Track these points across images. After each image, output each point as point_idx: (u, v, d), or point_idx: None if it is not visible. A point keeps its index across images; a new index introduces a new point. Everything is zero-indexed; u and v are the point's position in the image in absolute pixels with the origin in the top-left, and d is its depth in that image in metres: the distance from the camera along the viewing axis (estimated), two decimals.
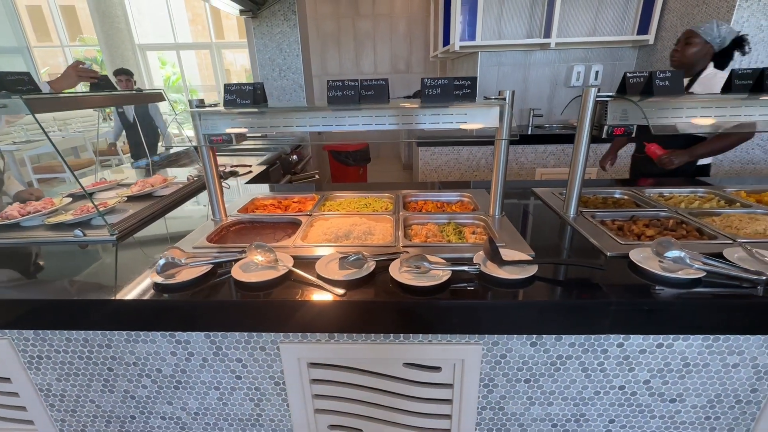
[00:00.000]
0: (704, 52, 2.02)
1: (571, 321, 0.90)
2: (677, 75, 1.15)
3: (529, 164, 3.51)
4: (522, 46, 3.71)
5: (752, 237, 1.16)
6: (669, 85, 1.15)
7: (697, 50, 2.02)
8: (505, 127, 1.26)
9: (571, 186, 1.35)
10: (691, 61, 2.05)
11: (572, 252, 1.15)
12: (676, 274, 0.94)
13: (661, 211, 1.37)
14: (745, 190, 1.57)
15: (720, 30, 1.98)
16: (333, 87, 1.20)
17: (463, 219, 1.40)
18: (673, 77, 1.15)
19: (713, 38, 1.99)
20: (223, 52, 9.09)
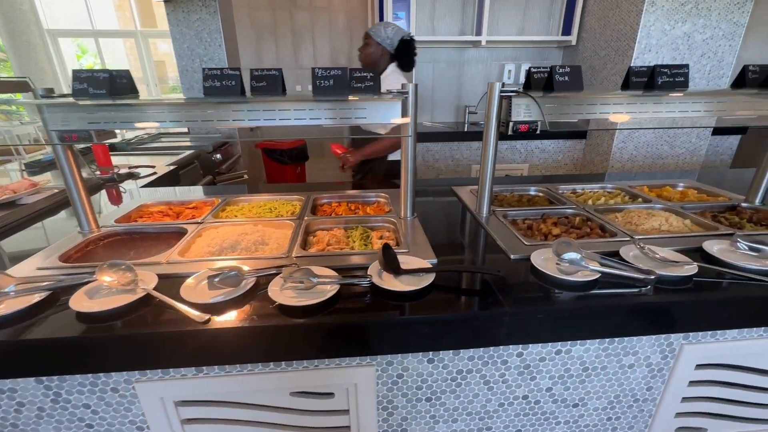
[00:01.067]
0: (380, 53, 2.17)
1: (467, 334, 0.83)
2: (576, 70, 1.13)
3: (464, 161, 3.53)
4: (455, 43, 3.72)
5: (649, 233, 1.18)
6: (569, 80, 1.12)
7: (372, 50, 2.17)
8: (411, 124, 1.17)
9: (482, 185, 1.29)
10: (370, 61, 2.21)
11: (478, 255, 1.09)
12: (572, 277, 0.90)
13: (569, 208, 1.37)
14: (647, 185, 1.63)
15: (387, 31, 2.12)
16: (210, 76, 1.04)
17: (373, 222, 1.30)
18: (572, 73, 1.12)
19: (383, 39, 2.13)
20: (155, 41, 8.33)
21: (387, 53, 2.20)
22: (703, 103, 1.11)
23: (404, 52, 2.22)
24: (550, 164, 3.64)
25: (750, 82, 1.24)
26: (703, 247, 1.04)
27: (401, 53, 2.22)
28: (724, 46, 2.88)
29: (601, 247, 1.07)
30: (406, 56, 2.24)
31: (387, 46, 2.18)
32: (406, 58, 2.25)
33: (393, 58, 2.24)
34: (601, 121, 1.11)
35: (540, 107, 1.02)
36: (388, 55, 2.21)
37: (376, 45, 2.19)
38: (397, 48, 2.20)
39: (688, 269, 0.92)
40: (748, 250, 1.01)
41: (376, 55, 2.21)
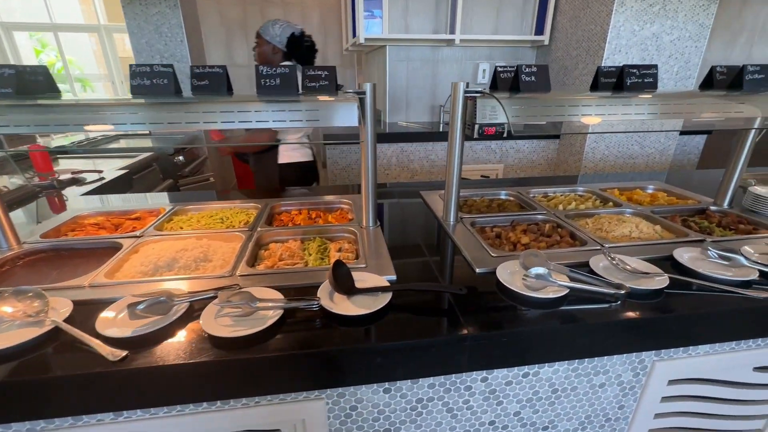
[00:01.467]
0: (271, 51, 2.19)
1: (425, 362, 0.75)
2: (543, 70, 1.07)
3: (440, 162, 3.47)
4: (429, 42, 3.65)
5: (620, 240, 1.13)
6: (535, 81, 1.06)
7: (263, 49, 2.20)
8: (368, 126, 1.09)
9: (448, 192, 1.22)
10: (264, 59, 2.23)
11: (443, 269, 1.01)
12: (539, 294, 0.83)
13: (540, 214, 1.31)
14: (618, 187, 1.60)
15: (275, 29, 2.15)
16: (138, 74, 0.92)
17: (333, 232, 1.20)
18: (539, 72, 1.06)
19: (272, 37, 2.16)
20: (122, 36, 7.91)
21: (279, 51, 2.19)
22: (672, 104, 1.06)
23: (296, 49, 2.19)
24: (525, 164, 3.63)
25: (717, 83, 1.21)
26: (674, 255, 0.99)
27: (293, 50, 2.19)
28: (691, 47, 2.92)
29: (570, 258, 1.01)
30: (299, 52, 2.22)
31: (277, 44, 2.17)
32: (300, 54, 2.23)
33: (288, 56, 2.22)
34: (569, 124, 1.05)
35: (504, 109, 0.95)
36: (281, 53, 2.20)
37: (266, 43, 2.18)
38: (288, 45, 2.18)
39: (659, 281, 0.87)
40: (718, 259, 0.97)
41: (268, 53, 2.21)
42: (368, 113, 1.07)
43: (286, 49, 2.18)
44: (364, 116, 1.07)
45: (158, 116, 0.89)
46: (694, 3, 2.78)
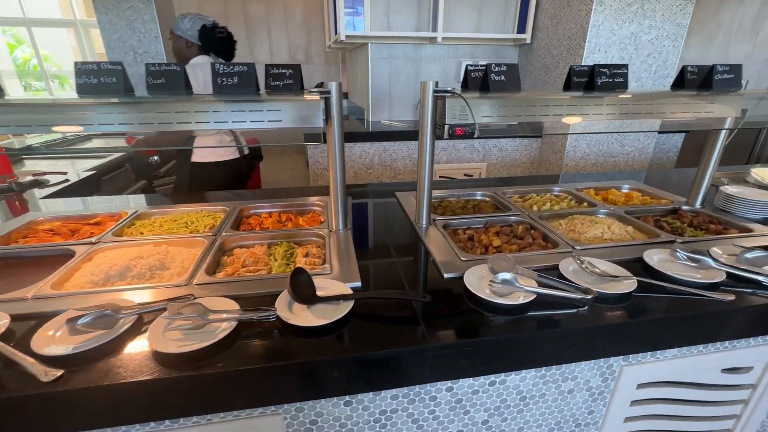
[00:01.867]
0: (184, 45, 2.15)
1: (386, 374, 0.72)
2: (513, 69, 1.04)
3: None
4: (411, 39, 3.62)
5: (592, 242, 1.12)
6: (505, 80, 1.03)
7: (177, 45, 2.17)
8: (335, 127, 1.05)
9: (420, 193, 1.19)
10: (177, 56, 2.21)
11: (411, 274, 0.98)
12: (506, 300, 0.81)
13: (514, 215, 1.29)
14: (594, 187, 1.59)
15: (185, 22, 2.11)
16: (85, 72, 0.87)
17: (302, 236, 1.17)
18: (509, 71, 1.04)
19: (183, 31, 2.12)
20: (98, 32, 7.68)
21: (193, 44, 2.14)
22: (643, 104, 1.05)
23: (209, 41, 2.14)
24: (508, 163, 3.64)
25: (689, 83, 1.21)
26: (643, 257, 0.98)
27: (207, 43, 2.14)
28: (668, 47, 2.95)
29: (541, 261, 0.99)
30: (213, 44, 2.16)
31: (190, 38, 2.12)
32: (215, 46, 2.17)
33: (204, 49, 2.17)
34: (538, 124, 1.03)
35: (470, 110, 0.92)
36: (195, 47, 2.15)
37: (178, 38, 2.14)
38: (201, 37, 2.12)
39: (627, 285, 0.86)
40: (687, 260, 0.96)
41: (182, 48, 2.16)
42: (334, 113, 1.03)
43: (200, 42, 2.12)
44: (329, 116, 1.04)
45: (107, 117, 0.84)
46: (671, 2, 2.81)
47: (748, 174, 1.69)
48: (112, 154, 2.42)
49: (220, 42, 2.18)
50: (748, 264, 0.94)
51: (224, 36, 2.19)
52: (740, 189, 1.36)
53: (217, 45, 2.17)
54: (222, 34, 2.17)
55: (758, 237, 1.13)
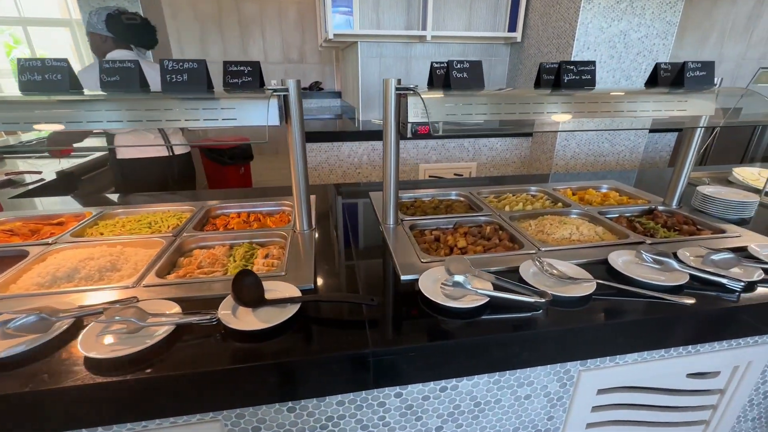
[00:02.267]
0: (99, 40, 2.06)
1: (328, 379, 0.70)
2: (476, 66, 1.02)
3: (411, 160, 3.42)
4: (401, 38, 3.59)
5: (560, 243, 1.09)
6: (468, 77, 1.01)
7: (93, 41, 2.09)
8: (296, 126, 1.03)
9: (386, 193, 1.17)
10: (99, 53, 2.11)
11: (368, 276, 0.96)
12: (457, 303, 0.79)
13: (484, 215, 1.26)
14: (572, 187, 1.57)
15: (92, 18, 2.03)
16: (28, 68, 0.84)
17: (265, 237, 1.14)
18: (472, 68, 1.01)
19: (94, 27, 2.04)
20: None
21: (107, 38, 2.03)
22: (612, 103, 1.03)
23: (119, 30, 2.01)
24: (499, 162, 3.61)
25: (662, 80, 1.18)
26: (608, 259, 0.96)
27: (119, 33, 2.02)
28: (659, 45, 2.92)
29: (504, 263, 0.97)
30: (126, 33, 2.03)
31: (101, 31, 2.01)
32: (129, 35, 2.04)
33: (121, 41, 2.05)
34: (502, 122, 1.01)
35: (426, 107, 0.89)
36: (110, 39, 2.03)
37: (92, 35, 2.05)
38: (110, 28, 2.00)
39: (586, 288, 0.84)
40: (652, 263, 0.93)
41: (98, 44, 2.07)
42: (294, 112, 1.01)
43: (111, 33, 2.00)
44: (288, 115, 1.01)
45: (47, 115, 0.82)
46: (660, 0, 2.77)
47: (731, 174, 1.66)
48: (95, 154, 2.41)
49: (132, 30, 2.04)
50: (714, 266, 0.92)
51: (136, 23, 2.04)
52: (717, 189, 1.33)
53: (130, 34, 2.03)
54: (133, 21, 2.03)
55: (729, 238, 1.10)
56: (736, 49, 4.31)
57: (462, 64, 1.00)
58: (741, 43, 4.29)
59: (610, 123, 1.11)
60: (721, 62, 4.35)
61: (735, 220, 1.25)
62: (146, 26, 2.11)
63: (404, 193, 1.49)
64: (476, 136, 3.22)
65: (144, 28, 2.09)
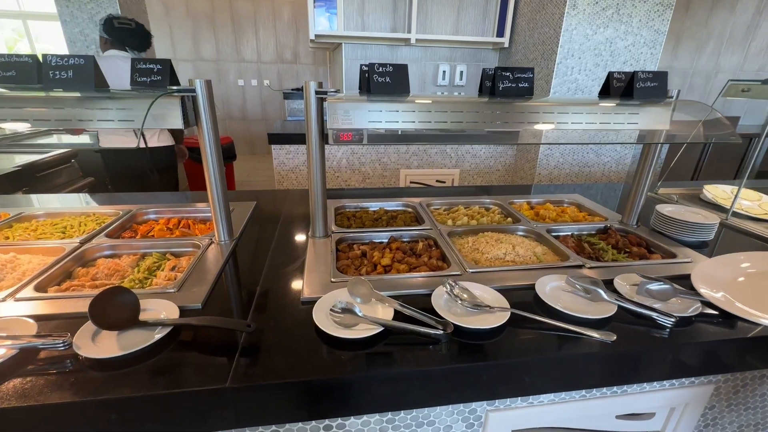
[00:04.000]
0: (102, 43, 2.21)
1: (180, 417, 0.62)
2: (401, 70, 0.94)
3: (392, 165, 3.35)
4: (386, 40, 3.53)
5: (491, 264, 1.01)
6: (390, 81, 0.93)
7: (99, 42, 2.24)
8: (206, 129, 0.95)
9: (312, 203, 1.09)
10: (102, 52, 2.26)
11: (269, 296, 0.88)
12: (346, 332, 0.71)
13: (424, 229, 1.18)
14: (531, 201, 1.48)
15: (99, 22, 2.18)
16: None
17: (179, 248, 1.07)
18: (395, 72, 0.93)
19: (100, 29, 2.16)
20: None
21: (107, 39, 2.19)
22: (541, 113, 0.94)
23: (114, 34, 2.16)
24: (482, 169, 3.52)
25: (614, 90, 1.10)
26: (535, 285, 0.87)
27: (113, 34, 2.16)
28: (646, 54, 2.82)
29: (423, 285, 0.88)
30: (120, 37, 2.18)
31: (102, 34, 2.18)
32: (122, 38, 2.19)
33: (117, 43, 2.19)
34: (445, 132, 0.93)
35: (328, 113, 0.82)
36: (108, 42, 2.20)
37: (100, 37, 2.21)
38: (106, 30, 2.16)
39: (497, 318, 0.75)
40: (581, 291, 0.85)
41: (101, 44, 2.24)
42: (203, 114, 0.94)
43: (108, 36, 2.15)
44: (197, 117, 0.94)
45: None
46: (648, 8, 2.69)
47: (702, 192, 1.57)
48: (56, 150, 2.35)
49: (125, 33, 2.18)
50: (649, 297, 0.83)
51: (128, 27, 2.18)
52: (676, 209, 1.24)
53: (122, 36, 2.17)
54: (125, 25, 2.16)
55: (678, 264, 1.01)
56: (733, 60, 4.21)
57: (384, 67, 0.92)
58: (738, 54, 4.18)
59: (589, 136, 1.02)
60: (717, 73, 4.25)
61: (694, 243, 1.16)
62: (139, 31, 2.25)
63: (351, 202, 1.41)
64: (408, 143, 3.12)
65: (136, 32, 2.23)
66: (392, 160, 3.32)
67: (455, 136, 1.28)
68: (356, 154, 3.28)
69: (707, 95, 4.28)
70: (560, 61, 2.75)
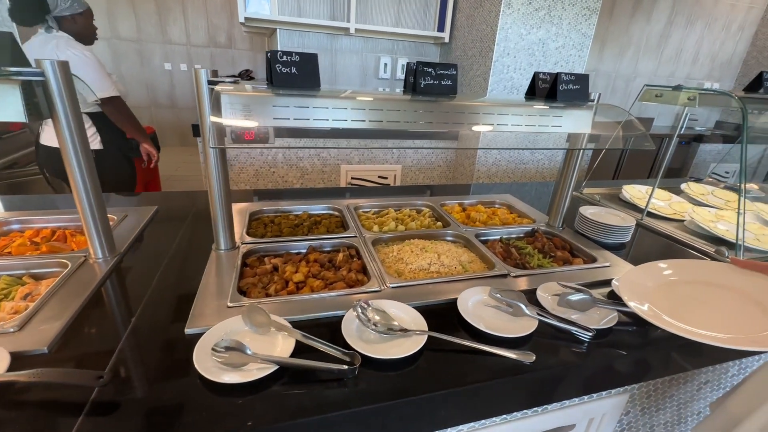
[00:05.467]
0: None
1: None
2: (309, 60, 0.82)
3: (332, 160, 3.20)
4: (324, 29, 3.35)
5: (414, 276, 0.94)
6: (297, 73, 0.81)
7: None
8: (64, 121, 0.77)
9: (213, 210, 0.94)
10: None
11: (149, 329, 0.73)
12: (232, 376, 0.59)
13: (347, 237, 1.08)
14: (462, 202, 1.44)
15: None
16: None
17: (42, 268, 0.87)
18: (303, 63, 0.81)
19: None
20: None
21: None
22: (466, 113, 0.88)
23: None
24: (424, 166, 3.50)
25: (539, 91, 1.07)
26: (457, 301, 0.81)
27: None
28: (575, 56, 2.94)
29: (335, 306, 0.78)
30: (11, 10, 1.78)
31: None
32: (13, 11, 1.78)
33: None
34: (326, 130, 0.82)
35: (221, 108, 0.68)
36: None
37: None
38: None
39: (414, 342, 0.67)
40: (504, 305, 0.80)
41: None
42: (60, 103, 0.75)
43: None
44: (52, 108, 0.75)
45: None
46: (576, 12, 2.79)
47: (621, 191, 1.63)
48: None
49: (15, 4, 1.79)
50: (570, 308, 0.80)
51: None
52: (597, 210, 1.26)
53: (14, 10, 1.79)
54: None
55: (598, 269, 1.01)
56: (648, 66, 4.59)
57: (290, 56, 0.80)
58: (653, 60, 4.57)
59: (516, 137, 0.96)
60: (635, 77, 4.60)
61: (614, 245, 1.18)
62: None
63: (270, 205, 1.27)
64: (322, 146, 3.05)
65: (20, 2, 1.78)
66: (332, 155, 3.18)
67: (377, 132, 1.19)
68: (293, 149, 3.09)
69: (627, 97, 4.63)
70: (497, 59, 2.78)
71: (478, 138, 0.98)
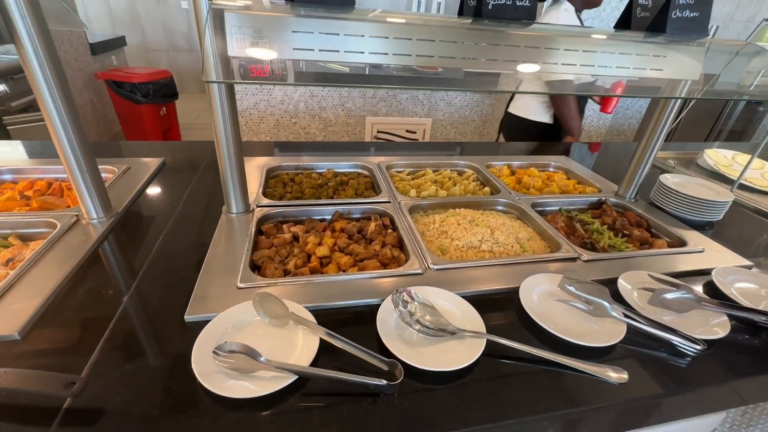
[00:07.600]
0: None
1: None
2: None
3: (357, 111, 2.96)
4: None
5: (462, 256, 0.77)
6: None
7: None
8: (29, 45, 0.60)
9: (222, 166, 0.78)
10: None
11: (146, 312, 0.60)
12: (238, 390, 0.46)
13: (380, 202, 0.91)
14: (512, 164, 1.23)
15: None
16: None
17: (29, 227, 0.75)
18: None
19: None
20: None
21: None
22: (542, 48, 0.66)
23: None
24: (456, 120, 3.21)
25: (637, 21, 0.81)
26: (519, 292, 0.65)
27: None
28: None
29: (366, 294, 0.63)
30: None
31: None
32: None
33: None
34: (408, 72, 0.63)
35: (222, 32, 0.49)
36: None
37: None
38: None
39: (469, 350, 0.53)
40: (579, 302, 0.63)
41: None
42: (21, 21, 0.58)
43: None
44: (12, 30, 0.58)
45: None
46: None
47: (700, 156, 1.37)
48: None
49: None
50: (664, 308, 0.63)
51: None
52: (683, 180, 1.03)
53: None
54: None
55: (689, 254, 0.81)
56: (725, 8, 3.94)
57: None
58: (730, 2, 3.91)
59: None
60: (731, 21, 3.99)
61: (699, 223, 0.97)
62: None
63: (290, 160, 1.10)
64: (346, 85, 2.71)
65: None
66: (357, 105, 2.93)
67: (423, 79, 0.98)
68: (316, 97, 2.86)
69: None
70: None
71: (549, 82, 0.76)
